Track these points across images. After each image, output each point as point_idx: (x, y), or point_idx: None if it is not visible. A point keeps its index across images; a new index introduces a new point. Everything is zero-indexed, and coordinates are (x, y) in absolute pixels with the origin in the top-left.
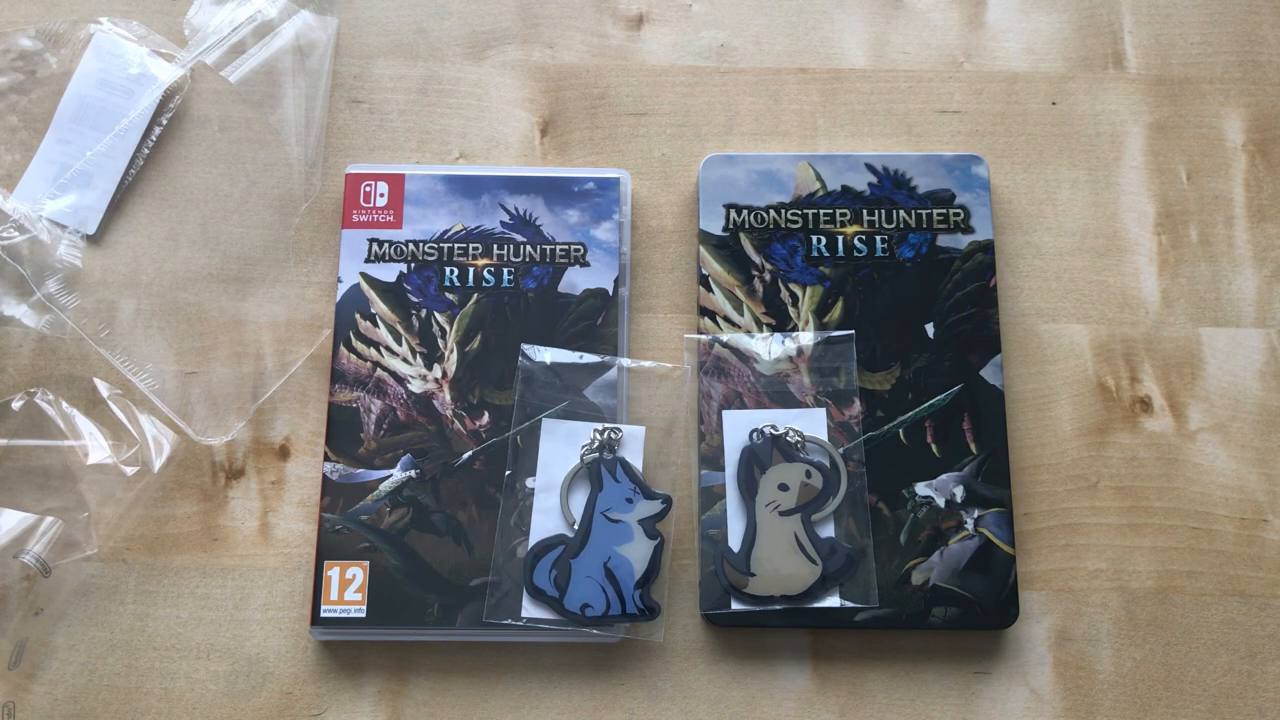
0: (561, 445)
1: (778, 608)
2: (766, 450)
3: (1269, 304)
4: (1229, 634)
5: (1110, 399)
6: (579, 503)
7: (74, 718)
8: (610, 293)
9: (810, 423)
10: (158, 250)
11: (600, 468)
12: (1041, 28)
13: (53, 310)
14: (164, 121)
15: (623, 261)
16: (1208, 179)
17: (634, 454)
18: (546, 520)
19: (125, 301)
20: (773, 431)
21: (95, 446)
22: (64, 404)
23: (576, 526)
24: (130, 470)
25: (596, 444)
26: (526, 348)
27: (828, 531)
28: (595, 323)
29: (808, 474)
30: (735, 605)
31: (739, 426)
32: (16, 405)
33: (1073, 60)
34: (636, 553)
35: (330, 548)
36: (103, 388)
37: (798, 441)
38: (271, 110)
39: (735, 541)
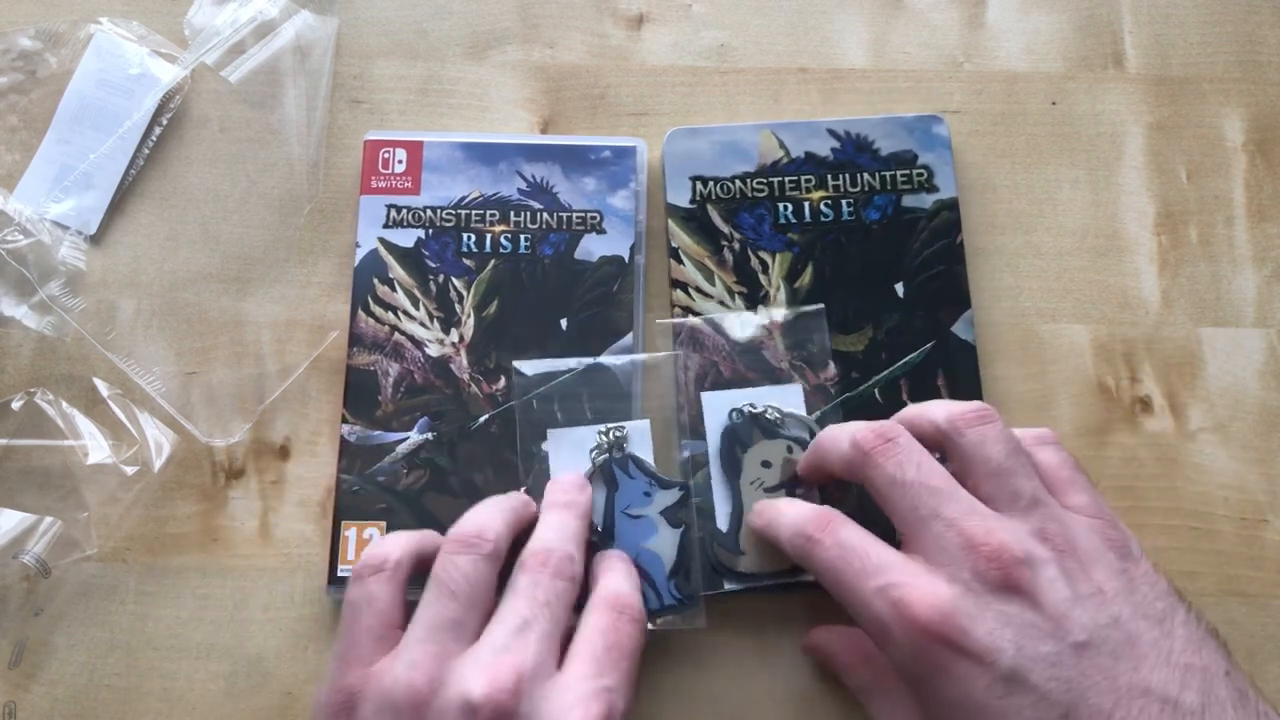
0: (568, 454)
1: (769, 583)
2: (747, 429)
3: (1269, 304)
4: (1229, 634)
5: (1110, 399)
6: (598, 506)
7: (74, 718)
8: (626, 260)
9: (787, 397)
10: (158, 251)
11: (612, 468)
12: (1041, 28)
13: (55, 312)
14: (164, 122)
15: (639, 229)
16: (1208, 179)
17: (642, 448)
18: None
19: (125, 302)
20: (751, 410)
21: (95, 446)
22: (64, 404)
23: (600, 529)
24: (130, 470)
25: (605, 445)
26: (518, 364)
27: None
28: (611, 289)
29: (789, 449)
30: (727, 585)
31: (718, 407)
32: (16, 405)
33: (1073, 60)
34: (664, 545)
35: (347, 508)
36: (103, 388)
37: (777, 418)
38: (272, 110)
39: (723, 521)
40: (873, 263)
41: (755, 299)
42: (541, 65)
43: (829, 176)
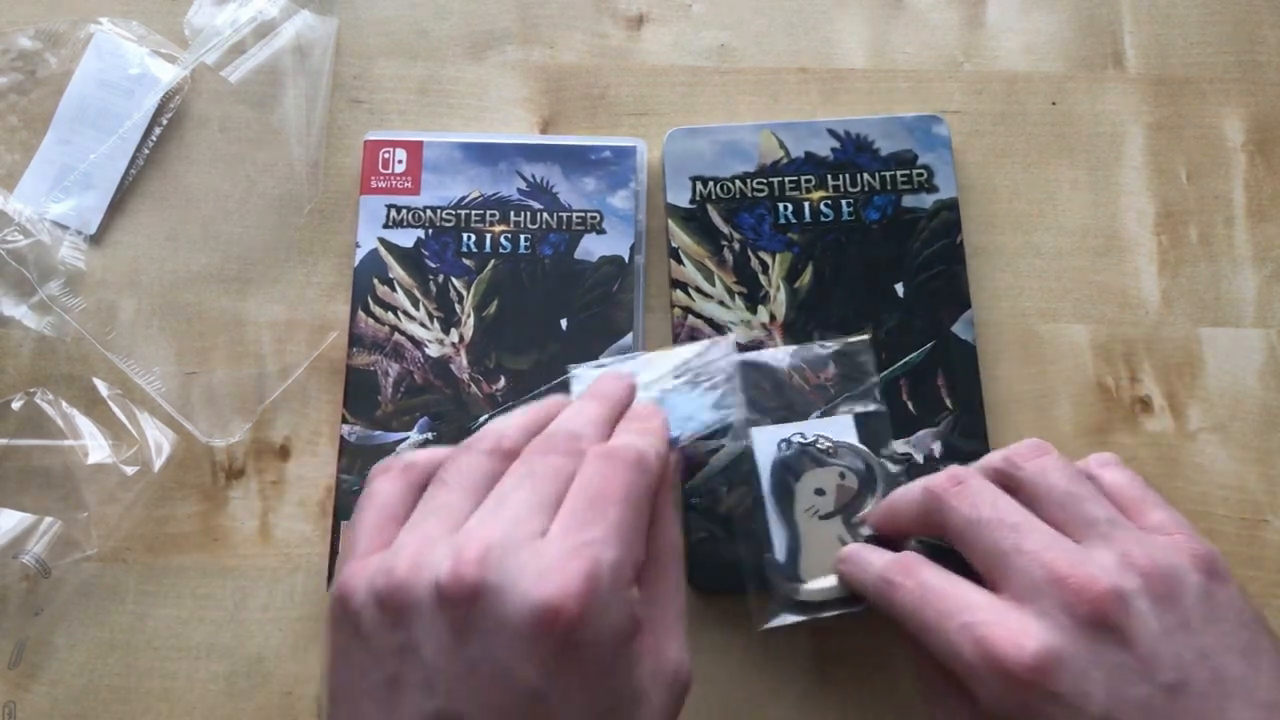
0: None
1: (832, 613)
2: (797, 459)
3: (1269, 304)
4: None
5: (1110, 399)
6: None
7: (74, 718)
8: (626, 260)
9: (839, 428)
10: (158, 250)
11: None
12: (1041, 28)
13: (55, 312)
14: (164, 122)
15: (639, 229)
16: (1208, 179)
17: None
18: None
19: (125, 302)
20: (801, 440)
21: (95, 446)
22: (64, 404)
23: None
24: (130, 470)
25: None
26: (573, 369)
27: (871, 531)
28: (611, 289)
29: (841, 475)
30: (790, 618)
31: (767, 441)
32: (16, 405)
33: (1073, 60)
34: (693, 402)
35: (347, 508)
36: (103, 388)
37: (829, 447)
38: (271, 110)
39: (780, 553)
40: (873, 263)
41: (755, 299)
42: (541, 65)
43: (829, 176)
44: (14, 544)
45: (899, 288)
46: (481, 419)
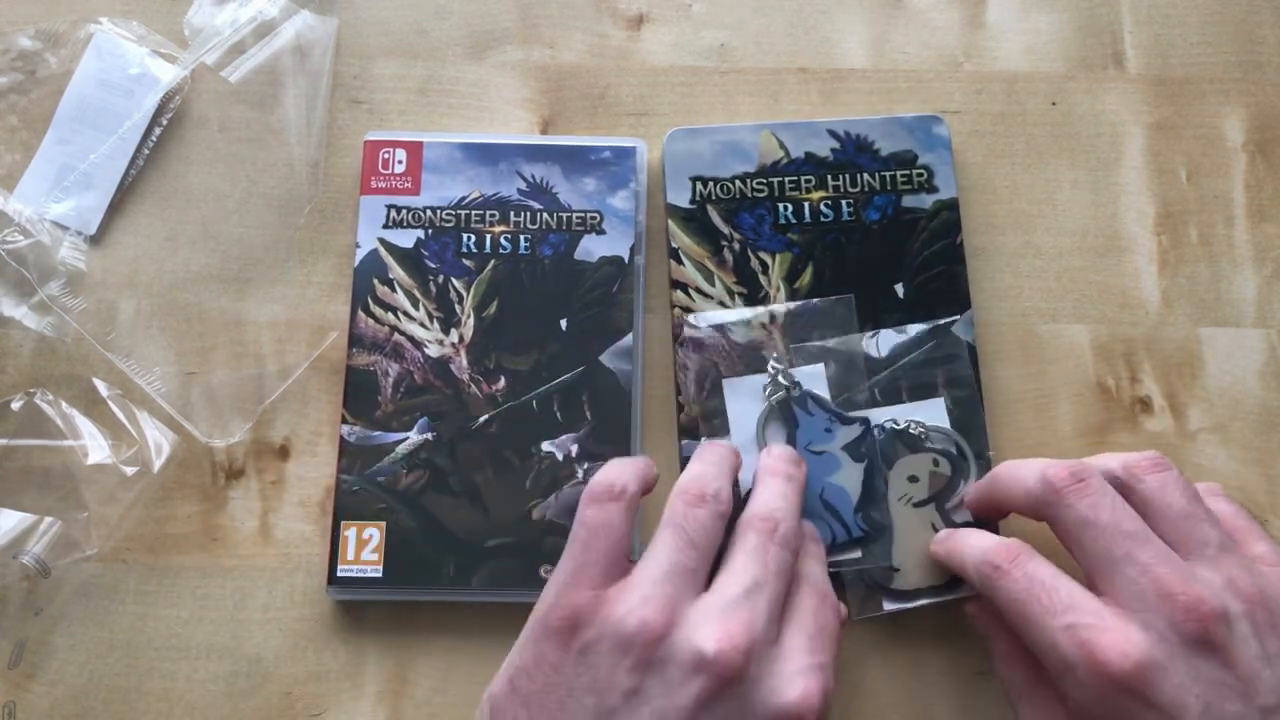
0: (744, 401)
1: (925, 601)
2: (890, 445)
3: (1269, 304)
4: None
5: (1110, 399)
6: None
7: (74, 718)
8: (626, 260)
9: (931, 412)
10: (158, 251)
11: (791, 406)
12: (1041, 28)
13: (55, 312)
14: (164, 122)
15: (639, 230)
16: (1208, 179)
17: (818, 389)
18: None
19: (125, 302)
20: (894, 426)
21: (95, 446)
22: (64, 404)
23: None
24: (130, 470)
25: (781, 384)
26: (690, 318)
27: (964, 518)
28: (611, 290)
29: (935, 463)
30: (887, 606)
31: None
32: (16, 405)
33: (1073, 60)
34: (849, 479)
35: (347, 508)
36: (102, 388)
37: (921, 433)
38: (271, 110)
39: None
40: (873, 263)
41: (755, 299)
42: (541, 65)
43: (829, 177)
44: (14, 544)
45: (899, 288)
46: (481, 419)
